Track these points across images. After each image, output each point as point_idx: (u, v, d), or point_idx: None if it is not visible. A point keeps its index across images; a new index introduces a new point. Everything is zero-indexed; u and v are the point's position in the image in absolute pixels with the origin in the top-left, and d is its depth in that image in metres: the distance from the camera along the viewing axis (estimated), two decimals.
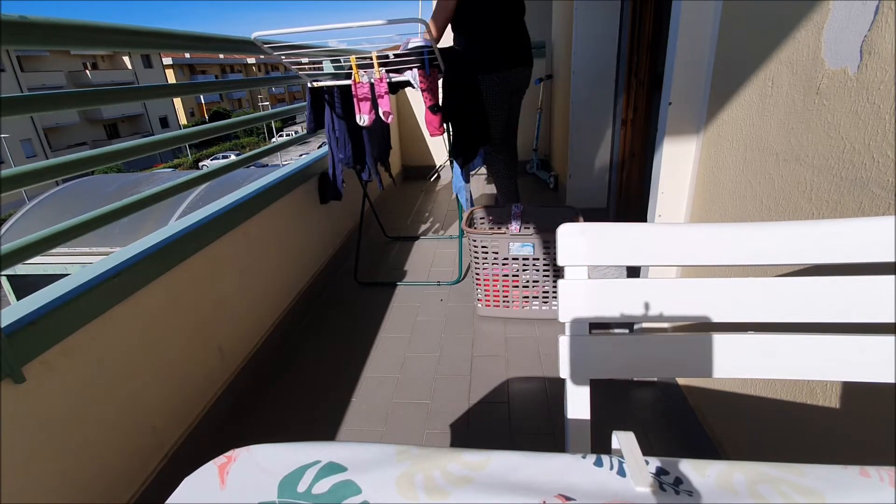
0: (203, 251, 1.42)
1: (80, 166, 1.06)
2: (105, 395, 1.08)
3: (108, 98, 1.19)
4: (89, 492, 1.03)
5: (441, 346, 1.83)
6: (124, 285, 1.13)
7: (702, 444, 1.22)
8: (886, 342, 0.55)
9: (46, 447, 0.94)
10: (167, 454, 1.26)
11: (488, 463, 0.43)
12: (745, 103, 1.03)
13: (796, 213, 0.87)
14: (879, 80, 0.66)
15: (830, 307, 0.57)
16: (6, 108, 0.89)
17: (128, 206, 1.19)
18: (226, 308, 1.55)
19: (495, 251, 1.86)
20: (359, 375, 1.69)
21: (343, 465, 0.44)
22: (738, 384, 1.09)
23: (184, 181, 1.42)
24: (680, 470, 0.42)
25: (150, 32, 1.27)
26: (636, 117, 2.67)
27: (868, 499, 0.38)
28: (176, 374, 1.31)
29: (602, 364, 0.64)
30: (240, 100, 42.12)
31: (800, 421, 0.88)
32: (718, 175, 1.16)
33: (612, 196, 2.99)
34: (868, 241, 0.54)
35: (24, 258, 0.94)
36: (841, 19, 0.73)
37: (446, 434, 1.42)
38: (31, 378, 0.90)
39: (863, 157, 0.70)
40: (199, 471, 0.45)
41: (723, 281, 0.60)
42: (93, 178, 4.81)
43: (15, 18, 0.88)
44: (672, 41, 1.22)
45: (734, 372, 0.61)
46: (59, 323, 0.97)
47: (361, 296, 2.26)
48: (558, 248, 0.61)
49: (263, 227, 1.80)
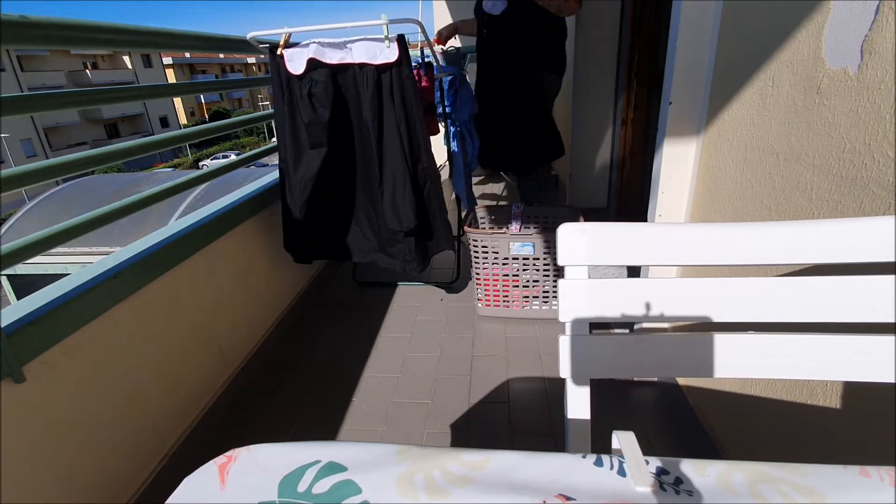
0: (203, 251, 1.42)
1: (80, 166, 1.06)
2: (105, 395, 1.08)
3: (108, 98, 1.19)
4: (89, 491, 1.03)
5: (441, 345, 1.83)
6: (124, 285, 1.13)
7: (702, 444, 1.22)
8: (886, 342, 0.55)
9: (47, 447, 0.94)
10: (167, 454, 1.26)
11: (488, 463, 0.43)
12: (746, 103, 1.03)
13: (796, 212, 0.87)
14: (880, 80, 0.66)
15: (830, 307, 0.57)
16: (6, 108, 0.89)
17: (128, 206, 1.19)
18: (226, 308, 1.55)
19: (495, 251, 1.86)
20: (359, 375, 1.69)
21: (343, 465, 0.43)
22: (738, 384, 1.09)
23: (184, 181, 1.42)
24: (680, 470, 0.42)
25: (150, 32, 1.27)
26: (636, 117, 2.67)
27: (868, 499, 0.38)
28: (176, 373, 1.31)
29: (602, 364, 0.64)
30: (240, 99, 42.11)
31: (800, 421, 0.88)
32: (719, 175, 1.16)
33: (613, 196, 2.99)
34: (868, 241, 0.54)
35: (24, 258, 0.94)
36: (841, 19, 0.73)
37: (446, 434, 1.42)
38: (31, 378, 0.90)
39: (863, 157, 0.70)
40: (199, 471, 0.45)
41: (723, 281, 0.60)
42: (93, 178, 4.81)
43: (15, 18, 0.88)
44: (672, 41, 1.21)
45: (734, 372, 0.61)
46: (60, 323, 0.97)
47: (361, 296, 2.26)
48: (558, 247, 0.61)
49: (264, 227, 1.80)
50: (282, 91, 1.60)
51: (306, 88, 1.57)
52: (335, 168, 1.70)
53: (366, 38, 1.52)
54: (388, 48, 1.51)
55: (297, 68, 1.56)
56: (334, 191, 1.75)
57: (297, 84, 1.58)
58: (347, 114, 1.64)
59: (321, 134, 1.62)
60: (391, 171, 1.65)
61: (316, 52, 1.55)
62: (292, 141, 1.66)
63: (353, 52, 1.54)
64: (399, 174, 1.64)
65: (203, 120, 36.39)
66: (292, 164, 1.67)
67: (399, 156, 1.62)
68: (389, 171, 1.65)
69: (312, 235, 1.80)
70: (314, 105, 1.59)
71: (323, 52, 1.55)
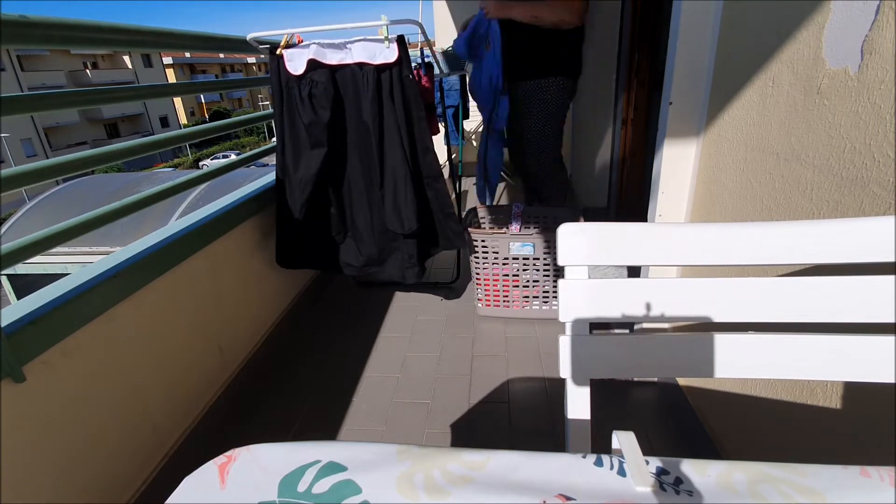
0: (203, 251, 1.42)
1: (80, 166, 1.06)
2: (105, 395, 1.08)
3: (108, 97, 1.19)
4: (89, 491, 1.03)
5: (441, 345, 1.83)
6: (124, 285, 1.13)
7: (702, 444, 1.22)
8: (886, 342, 0.55)
9: (46, 447, 0.94)
10: (167, 454, 1.26)
11: (488, 463, 0.43)
12: (746, 103, 1.03)
13: (797, 212, 0.86)
14: (880, 80, 0.66)
15: (831, 307, 0.57)
16: (6, 108, 0.90)
17: (128, 206, 1.19)
18: (226, 307, 1.55)
19: (496, 251, 1.86)
20: (359, 375, 1.69)
21: (343, 465, 0.43)
22: (738, 384, 1.09)
23: (184, 181, 1.42)
24: (680, 470, 0.42)
25: (150, 32, 1.27)
26: (637, 117, 2.67)
27: (868, 499, 0.38)
28: (176, 373, 1.31)
29: (602, 364, 0.64)
30: (240, 99, 42.12)
31: (800, 421, 0.88)
32: (719, 175, 1.16)
33: (613, 196, 2.99)
34: (868, 241, 0.54)
35: (24, 258, 0.94)
36: (842, 19, 0.73)
37: (446, 434, 1.42)
38: (31, 378, 0.90)
39: (863, 157, 0.70)
40: (199, 470, 0.45)
41: (723, 281, 0.60)
42: (93, 178, 4.81)
43: (15, 18, 0.88)
44: (672, 41, 1.21)
45: (734, 372, 0.61)
46: (60, 322, 0.97)
47: (361, 296, 2.26)
48: (559, 247, 0.61)
49: (264, 227, 1.80)
50: (281, 91, 1.60)
51: (306, 89, 1.57)
52: (335, 168, 1.70)
53: (365, 39, 1.52)
54: (388, 48, 1.51)
55: (297, 69, 1.56)
56: (335, 191, 1.75)
57: (297, 84, 1.58)
58: (348, 114, 1.64)
59: (321, 134, 1.62)
60: (392, 171, 1.65)
61: (316, 53, 1.55)
62: (292, 141, 1.66)
63: (353, 53, 1.54)
64: (400, 175, 1.63)
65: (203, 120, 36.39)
66: (292, 164, 1.67)
67: (400, 156, 1.62)
68: (390, 172, 1.65)
69: (310, 239, 1.79)
70: (314, 105, 1.59)
71: (323, 52, 1.55)
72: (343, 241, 1.84)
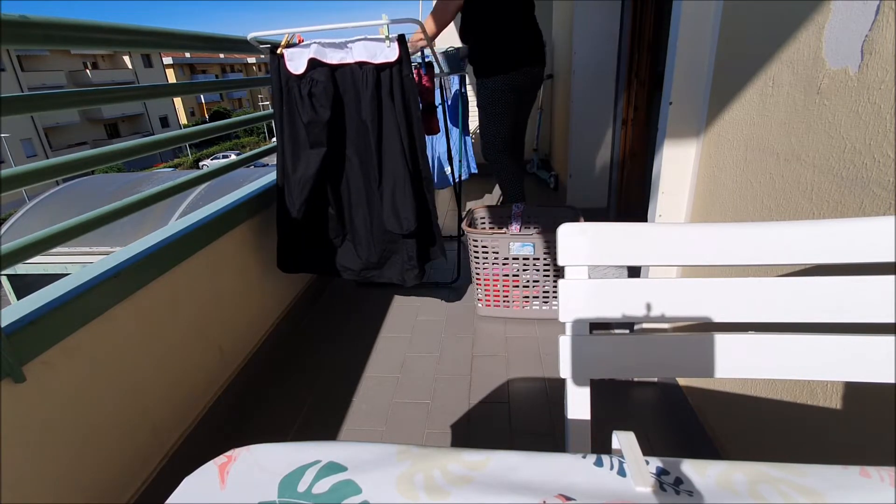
0: (203, 251, 1.42)
1: (80, 166, 1.06)
2: (105, 395, 1.08)
3: (108, 98, 1.19)
4: (89, 491, 1.03)
5: (441, 346, 1.83)
6: (124, 285, 1.13)
7: (702, 444, 1.22)
8: (886, 342, 0.55)
9: (46, 447, 0.94)
10: (167, 454, 1.26)
11: (488, 463, 0.43)
12: (746, 103, 1.03)
13: (797, 212, 0.86)
14: (880, 80, 0.66)
15: (830, 307, 0.57)
16: (6, 108, 0.89)
17: (128, 206, 1.19)
18: (226, 308, 1.55)
19: (496, 251, 1.86)
20: (359, 375, 1.69)
21: (343, 465, 0.43)
22: (738, 384, 1.09)
23: (184, 181, 1.42)
24: (680, 470, 0.42)
25: (150, 32, 1.27)
26: (637, 117, 2.67)
27: (868, 499, 0.38)
28: (176, 373, 1.31)
29: (602, 364, 0.64)
30: (240, 99, 42.12)
31: (800, 421, 0.88)
32: (719, 175, 1.16)
33: (613, 196, 2.99)
34: (868, 241, 0.54)
35: (24, 258, 0.94)
36: (842, 19, 0.73)
37: (446, 434, 1.42)
38: (31, 378, 0.90)
39: (863, 157, 0.70)
40: (199, 471, 0.44)
41: (723, 281, 0.60)
42: (93, 178, 4.81)
43: (15, 18, 0.88)
44: (672, 41, 1.22)
45: (734, 372, 0.61)
46: (60, 323, 0.97)
47: (361, 296, 2.26)
48: (558, 248, 0.61)
49: (264, 227, 1.80)
50: (281, 91, 1.60)
51: (306, 88, 1.57)
52: (334, 168, 1.70)
53: (366, 38, 1.52)
54: (389, 48, 1.51)
55: (298, 68, 1.56)
56: (333, 191, 1.74)
57: (297, 84, 1.58)
58: (347, 114, 1.64)
59: (321, 133, 1.62)
60: (391, 171, 1.64)
61: (316, 53, 1.55)
62: (291, 141, 1.65)
63: (354, 52, 1.54)
64: (399, 175, 1.63)
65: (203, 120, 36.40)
66: (291, 164, 1.67)
67: (399, 156, 1.62)
68: (389, 171, 1.65)
69: (309, 243, 1.78)
70: (314, 105, 1.58)
71: (324, 52, 1.55)
72: (341, 245, 1.83)
